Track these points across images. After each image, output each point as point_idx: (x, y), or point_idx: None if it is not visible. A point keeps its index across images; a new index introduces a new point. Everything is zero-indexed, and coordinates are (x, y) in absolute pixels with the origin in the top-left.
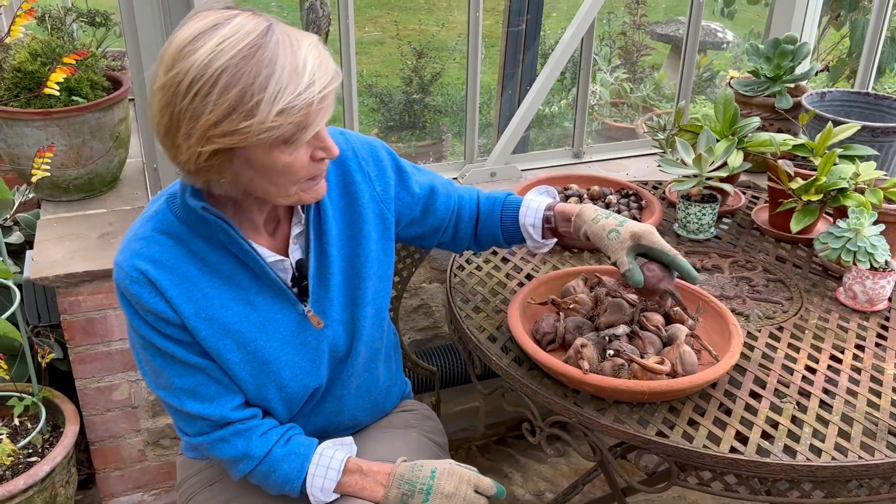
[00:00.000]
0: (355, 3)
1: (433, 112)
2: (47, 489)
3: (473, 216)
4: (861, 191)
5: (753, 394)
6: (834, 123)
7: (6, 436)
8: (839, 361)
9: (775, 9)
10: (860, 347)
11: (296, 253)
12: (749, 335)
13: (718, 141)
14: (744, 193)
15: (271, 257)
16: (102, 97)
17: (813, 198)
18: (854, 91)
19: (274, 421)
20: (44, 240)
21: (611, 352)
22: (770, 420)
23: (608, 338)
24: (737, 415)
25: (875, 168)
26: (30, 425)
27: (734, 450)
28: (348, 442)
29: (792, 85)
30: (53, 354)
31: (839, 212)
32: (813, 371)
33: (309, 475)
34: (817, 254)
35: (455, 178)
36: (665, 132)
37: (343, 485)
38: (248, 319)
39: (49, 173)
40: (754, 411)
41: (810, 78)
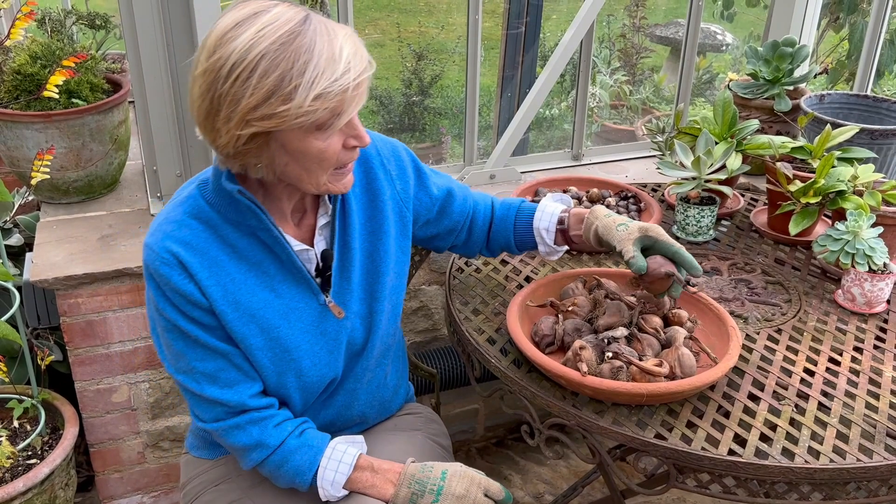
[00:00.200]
0: (355, 6)
1: (433, 114)
2: (46, 491)
3: (487, 220)
4: (860, 193)
5: (752, 396)
6: (833, 126)
7: (5, 438)
8: (837, 364)
9: (774, 11)
10: (858, 350)
11: (320, 244)
12: (748, 337)
13: (717, 143)
14: (743, 196)
15: (297, 246)
16: (102, 100)
17: (811, 200)
18: (853, 93)
19: (289, 413)
20: (43, 242)
21: (609, 354)
22: (768, 422)
23: (607, 340)
24: (735, 417)
25: (874, 170)
26: (29, 427)
27: (732, 452)
28: (360, 440)
29: (791, 87)
30: (53, 357)
31: (838, 214)
32: (811, 373)
33: (320, 468)
34: (816, 256)
35: None
36: (664, 135)
37: (353, 480)
38: (272, 306)
39: (49, 175)
40: (753, 413)
41: (809, 80)
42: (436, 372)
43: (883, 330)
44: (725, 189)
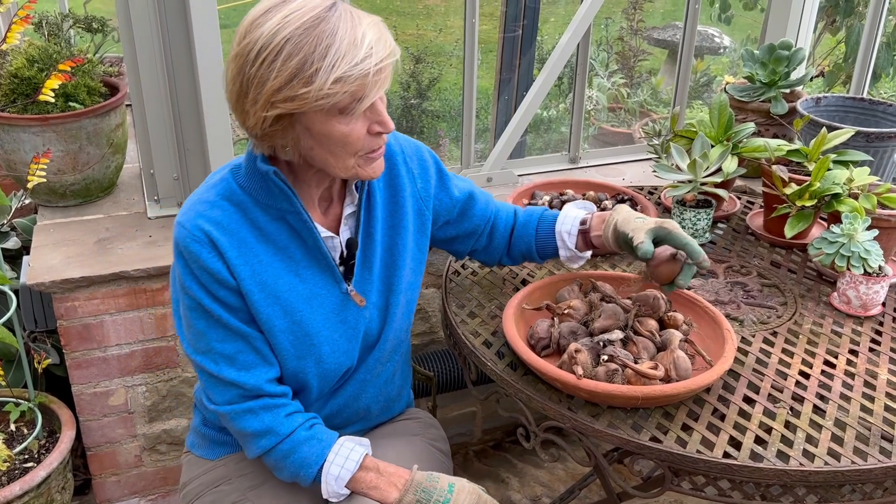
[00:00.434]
0: None
1: (431, 117)
2: (43, 495)
3: (509, 227)
4: (855, 196)
5: (747, 399)
6: (828, 129)
7: (2, 441)
8: (833, 366)
9: (771, 14)
10: (854, 352)
11: (345, 233)
12: (743, 340)
13: (713, 146)
14: (739, 199)
15: (323, 233)
16: (99, 103)
17: (807, 203)
18: (849, 96)
19: (300, 405)
20: (40, 245)
21: (605, 357)
22: (763, 425)
23: (602, 343)
24: (730, 420)
25: (869, 173)
26: (26, 431)
27: (728, 455)
28: (366, 442)
29: (787, 90)
30: (50, 360)
31: (833, 217)
32: (807, 376)
33: (327, 462)
34: (811, 259)
35: None
36: (660, 137)
37: (357, 479)
38: (296, 290)
39: (45, 179)
40: (748, 416)
41: (805, 83)
42: (433, 375)
43: (878, 332)
44: (721, 192)
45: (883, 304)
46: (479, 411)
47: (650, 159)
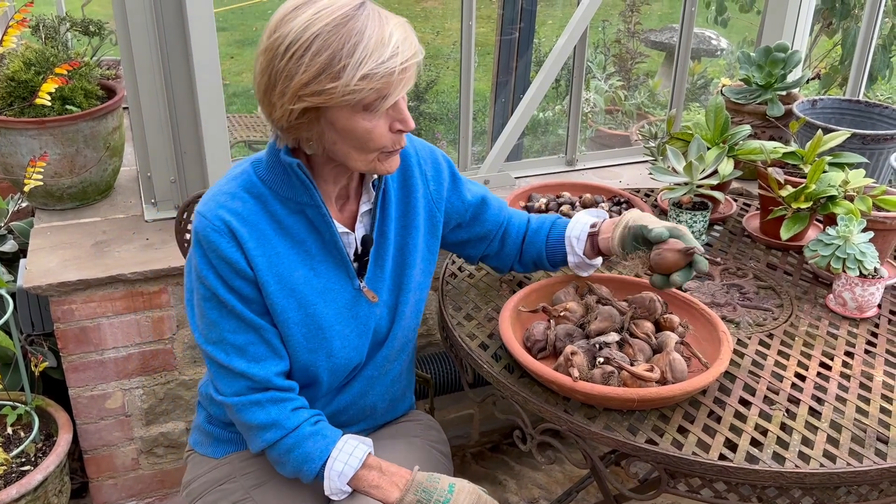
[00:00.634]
0: None
1: (428, 119)
2: (40, 498)
3: (521, 233)
4: (850, 198)
5: (743, 401)
6: (824, 131)
7: None
8: (829, 368)
9: (767, 17)
10: (850, 354)
11: (360, 230)
12: (739, 342)
13: (709, 149)
14: (735, 201)
15: (340, 229)
16: (96, 106)
17: (803, 205)
18: (845, 99)
19: (305, 401)
20: (37, 248)
21: (601, 359)
22: (759, 427)
23: (598, 345)
24: (726, 422)
25: (865, 175)
26: (23, 434)
27: (723, 457)
28: (369, 441)
29: (783, 93)
30: (47, 363)
31: (829, 219)
32: (802, 378)
33: (330, 458)
34: (807, 261)
35: None
36: (656, 140)
37: (359, 477)
38: (311, 284)
39: (42, 182)
40: (743, 418)
41: (802, 86)
42: (430, 377)
43: (874, 334)
44: (717, 194)
45: (879, 306)
46: (477, 414)
47: (647, 162)
